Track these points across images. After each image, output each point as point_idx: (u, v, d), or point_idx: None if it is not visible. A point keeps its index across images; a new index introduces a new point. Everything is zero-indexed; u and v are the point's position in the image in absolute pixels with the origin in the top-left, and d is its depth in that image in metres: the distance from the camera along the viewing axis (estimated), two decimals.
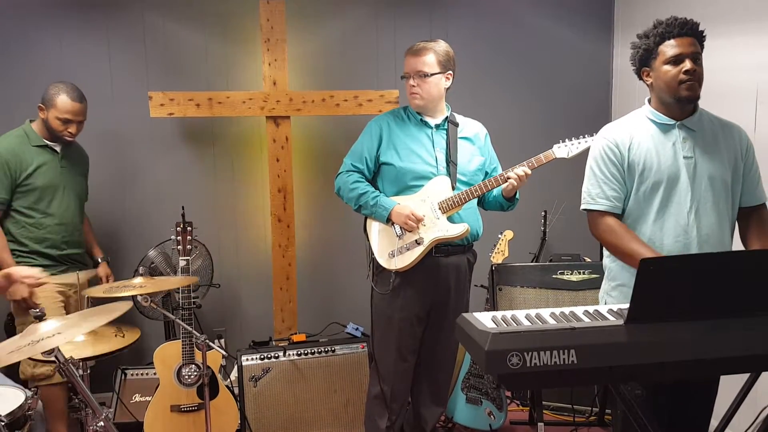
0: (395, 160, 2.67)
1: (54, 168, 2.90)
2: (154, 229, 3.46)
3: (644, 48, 2.05)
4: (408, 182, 2.66)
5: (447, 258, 2.69)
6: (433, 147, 2.69)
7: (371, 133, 2.73)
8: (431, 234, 2.60)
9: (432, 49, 2.63)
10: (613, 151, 2.08)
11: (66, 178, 2.95)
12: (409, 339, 2.74)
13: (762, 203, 2.12)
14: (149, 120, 3.37)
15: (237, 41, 3.58)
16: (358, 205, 2.68)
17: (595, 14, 3.92)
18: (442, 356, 2.85)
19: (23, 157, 2.81)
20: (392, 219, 2.62)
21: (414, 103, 2.69)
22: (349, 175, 2.71)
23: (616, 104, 3.94)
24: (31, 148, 2.85)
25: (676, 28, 1.99)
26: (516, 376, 1.42)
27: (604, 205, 2.09)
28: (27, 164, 2.81)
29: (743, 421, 1.93)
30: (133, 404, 3.12)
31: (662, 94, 2.05)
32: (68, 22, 3.43)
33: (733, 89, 2.81)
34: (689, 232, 2.02)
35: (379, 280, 2.71)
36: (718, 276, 1.52)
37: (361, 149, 2.72)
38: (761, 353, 1.49)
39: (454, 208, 2.61)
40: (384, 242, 2.67)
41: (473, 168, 2.74)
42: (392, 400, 2.78)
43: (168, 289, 3.01)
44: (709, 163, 2.04)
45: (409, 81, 2.66)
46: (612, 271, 2.17)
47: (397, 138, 2.69)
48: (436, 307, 2.74)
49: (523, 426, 3.31)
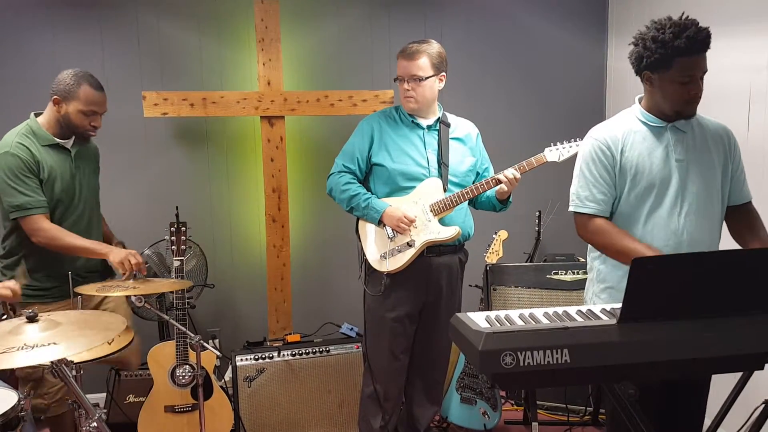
0: (387, 161, 2.66)
1: (68, 171, 2.54)
2: (148, 229, 3.44)
3: (658, 56, 1.93)
4: (400, 183, 2.66)
5: (439, 258, 2.68)
6: (424, 148, 2.69)
7: (362, 133, 2.72)
8: (423, 236, 2.61)
9: (425, 52, 2.61)
10: (604, 152, 2.06)
11: (81, 182, 2.60)
12: (401, 339, 2.74)
13: (748, 201, 2.14)
14: (143, 120, 3.37)
15: (231, 41, 3.58)
16: (350, 207, 2.68)
17: (589, 14, 3.93)
18: (436, 355, 2.85)
19: (37, 159, 2.44)
20: (384, 221, 2.62)
21: (409, 107, 2.68)
22: (341, 176, 2.70)
23: (610, 104, 3.95)
24: (40, 148, 2.46)
25: (698, 44, 1.89)
26: (509, 376, 1.42)
27: (593, 209, 2.07)
28: (40, 169, 2.45)
29: (736, 419, 1.94)
30: (126, 405, 3.11)
31: (662, 103, 2.02)
32: (62, 21, 3.42)
33: (727, 90, 2.82)
34: (679, 235, 2.02)
35: (371, 281, 2.71)
36: (711, 275, 1.53)
37: (353, 150, 2.71)
38: (753, 352, 1.51)
39: (446, 210, 2.62)
40: (375, 244, 2.68)
41: (465, 169, 2.74)
42: (385, 399, 2.79)
43: (162, 291, 2.99)
44: (700, 165, 2.05)
45: (404, 85, 2.64)
46: (601, 273, 2.15)
47: (389, 139, 2.68)
48: (428, 306, 2.74)
49: (518, 426, 3.31)
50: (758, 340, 1.49)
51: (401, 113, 2.74)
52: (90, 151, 2.74)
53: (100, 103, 2.53)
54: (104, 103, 2.56)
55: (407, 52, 2.64)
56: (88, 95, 2.47)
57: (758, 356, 1.53)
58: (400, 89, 2.69)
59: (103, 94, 2.54)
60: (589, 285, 2.24)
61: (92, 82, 2.50)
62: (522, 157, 2.65)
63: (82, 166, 2.63)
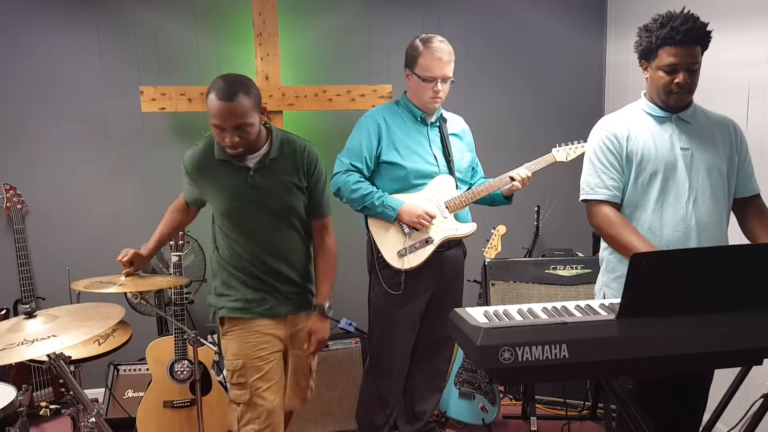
0: (398, 158, 2.60)
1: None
2: (146, 224, 3.43)
3: (645, 44, 2.04)
4: (412, 181, 2.62)
5: (448, 251, 2.70)
6: (429, 145, 2.67)
7: (368, 130, 2.62)
8: (441, 233, 2.61)
9: (453, 53, 2.60)
10: (611, 141, 2.10)
11: None
12: (412, 334, 2.75)
13: (757, 193, 2.15)
14: (141, 115, 3.35)
15: (229, 35, 3.56)
16: (363, 206, 2.59)
17: (588, 9, 3.92)
18: (440, 346, 2.86)
19: None
20: (402, 218, 2.56)
21: (433, 107, 2.64)
22: (349, 175, 2.59)
23: (610, 99, 3.94)
24: None
25: (680, 35, 1.94)
26: (508, 371, 1.41)
27: (603, 195, 2.10)
28: None
29: (734, 414, 1.94)
30: (125, 400, 3.11)
31: (654, 93, 2.10)
32: (58, 16, 3.40)
33: (726, 84, 2.82)
34: (688, 222, 2.03)
35: (385, 278, 2.64)
36: (709, 271, 1.52)
37: (360, 147, 2.60)
38: (752, 347, 1.50)
39: (462, 207, 2.64)
40: (390, 240, 2.61)
41: (465, 165, 2.75)
42: (389, 394, 2.79)
43: (155, 288, 2.97)
44: (706, 154, 2.06)
45: (436, 86, 2.57)
46: (610, 263, 2.18)
47: (396, 136, 2.62)
48: (436, 299, 2.74)
49: (516, 420, 3.32)
50: (756, 336, 1.49)
51: (407, 108, 2.69)
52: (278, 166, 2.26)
53: (224, 115, 2.03)
54: (230, 114, 2.03)
55: (445, 54, 2.56)
56: (211, 105, 2.05)
57: (756, 351, 1.53)
58: (425, 89, 2.57)
59: (227, 104, 2.01)
60: (600, 275, 2.26)
61: (218, 90, 2.04)
62: (520, 152, 2.67)
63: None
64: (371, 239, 2.65)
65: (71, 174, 3.49)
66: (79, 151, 3.48)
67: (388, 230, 2.62)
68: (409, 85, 2.66)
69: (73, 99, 3.45)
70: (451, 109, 2.84)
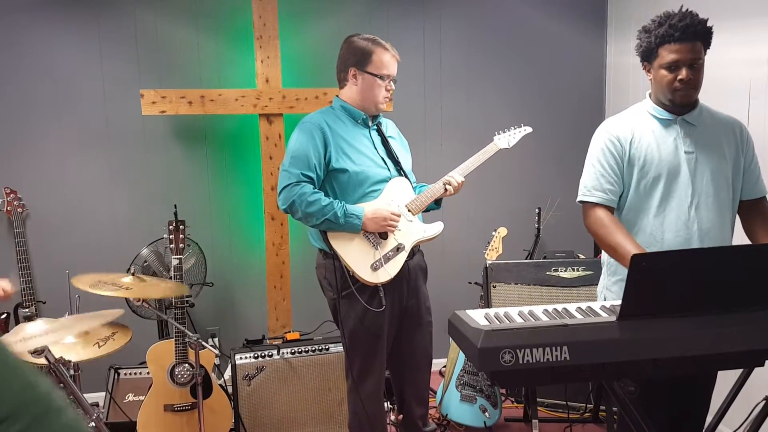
0: (350, 165, 2.39)
1: None
2: (146, 228, 3.44)
3: (645, 45, 2.02)
4: (366, 188, 2.42)
5: (412, 259, 2.54)
6: (375, 148, 2.51)
7: (313, 136, 2.37)
8: (410, 237, 2.47)
9: None
10: (614, 144, 2.09)
11: None
12: (385, 352, 2.55)
13: (763, 196, 2.13)
14: (141, 118, 3.36)
15: (229, 38, 3.57)
16: (323, 219, 2.31)
17: (588, 11, 3.92)
18: (421, 357, 2.68)
19: None
20: (367, 227, 2.36)
21: (383, 108, 2.53)
22: (302, 187, 2.31)
23: (610, 100, 3.94)
24: None
25: (678, 32, 1.94)
26: (509, 374, 1.41)
27: (599, 198, 2.08)
28: None
29: (737, 416, 1.93)
30: (126, 404, 3.10)
31: (659, 93, 2.07)
32: (59, 19, 3.40)
33: (727, 84, 2.81)
34: (690, 227, 2.02)
35: (364, 297, 2.40)
36: (710, 272, 1.52)
37: (307, 155, 2.35)
38: (753, 349, 1.50)
39: (422, 208, 2.52)
40: (358, 255, 2.38)
41: (408, 166, 2.63)
42: (376, 421, 2.60)
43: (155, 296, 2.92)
44: (710, 158, 2.05)
45: (390, 84, 2.48)
46: (612, 266, 2.17)
47: (342, 141, 2.42)
48: (410, 310, 2.58)
49: (518, 423, 3.31)
50: (758, 337, 1.48)
51: (346, 112, 2.51)
52: None
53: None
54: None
55: (395, 51, 2.48)
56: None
57: (759, 353, 1.53)
58: (379, 88, 2.46)
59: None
60: (602, 278, 2.25)
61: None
62: (520, 152, 2.64)
63: None
64: (336, 258, 2.39)
65: (72, 177, 3.49)
66: (79, 154, 3.49)
67: (352, 244, 2.38)
68: (358, 86, 2.47)
69: (74, 102, 3.45)
70: (452, 110, 2.84)
